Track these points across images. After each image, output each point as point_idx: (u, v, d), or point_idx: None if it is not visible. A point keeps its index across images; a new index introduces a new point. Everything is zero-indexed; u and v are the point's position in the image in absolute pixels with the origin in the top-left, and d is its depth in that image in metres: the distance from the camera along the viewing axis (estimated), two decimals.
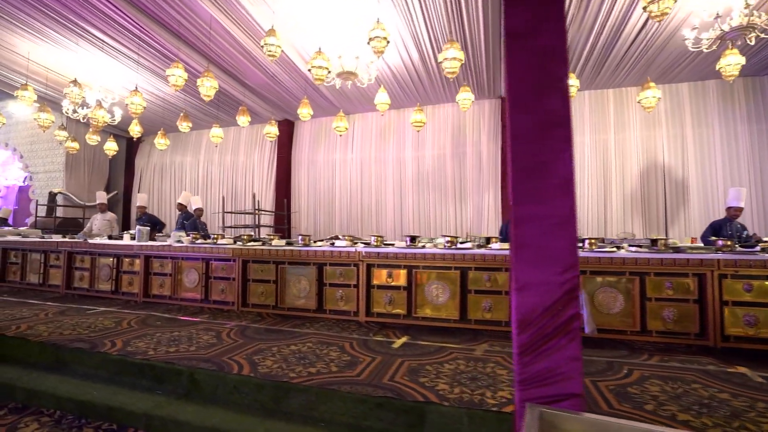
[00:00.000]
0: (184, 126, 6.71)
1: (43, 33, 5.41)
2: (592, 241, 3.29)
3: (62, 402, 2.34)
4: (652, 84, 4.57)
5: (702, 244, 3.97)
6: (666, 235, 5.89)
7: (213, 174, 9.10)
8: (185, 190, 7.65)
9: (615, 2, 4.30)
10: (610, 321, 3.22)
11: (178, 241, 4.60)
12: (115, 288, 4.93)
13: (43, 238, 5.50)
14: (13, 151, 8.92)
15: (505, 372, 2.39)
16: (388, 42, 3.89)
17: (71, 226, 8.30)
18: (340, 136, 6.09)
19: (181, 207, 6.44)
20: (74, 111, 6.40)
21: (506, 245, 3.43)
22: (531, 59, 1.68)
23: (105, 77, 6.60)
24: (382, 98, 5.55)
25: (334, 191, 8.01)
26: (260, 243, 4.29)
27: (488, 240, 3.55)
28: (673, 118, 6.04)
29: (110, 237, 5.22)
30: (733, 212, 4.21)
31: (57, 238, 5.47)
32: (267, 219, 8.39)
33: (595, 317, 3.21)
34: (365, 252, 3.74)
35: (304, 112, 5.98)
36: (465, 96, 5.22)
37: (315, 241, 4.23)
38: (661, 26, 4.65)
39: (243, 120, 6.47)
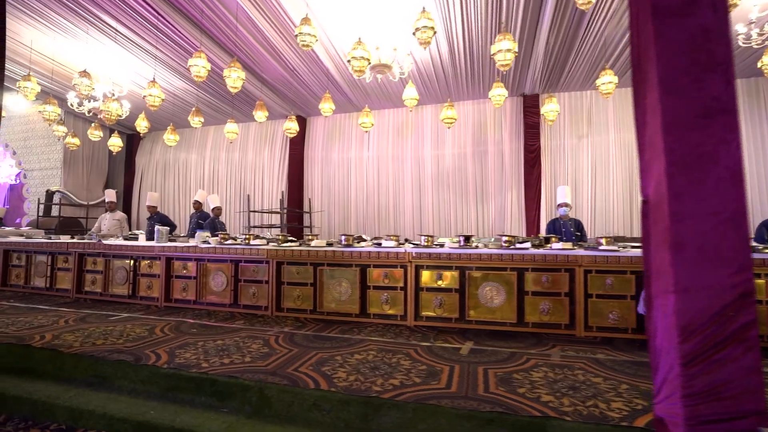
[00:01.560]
0: (196, 121, 6.40)
1: (51, 20, 5.04)
2: None
3: (115, 423, 2.08)
4: None
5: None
6: None
7: (220, 172, 8.76)
8: (201, 189, 7.33)
9: None
10: None
11: (205, 242, 4.32)
12: (132, 292, 4.61)
13: (50, 238, 5.13)
14: (5, 147, 8.40)
15: (600, 380, 2.23)
16: (435, 32, 3.71)
17: (72, 226, 7.85)
18: (366, 132, 5.88)
19: (198, 206, 6.13)
20: (80, 104, 6.02)
21: (568, 245, 3.29)
22: (686, 39, 1.51)
23: (113, 69, 6.23)
24: (410, 93, 5.36)
25: (349, 190, 7.78)
26: (297, 243, 4.05)
27: (547, 240, 3.40)
28: None
29: (126, 238, 4.89)
30: None
31: (65, 238, 5.10)
32: (277, 219, 8.10)
33: None
34: (415, 253, 3.55)
35: (326, 107, 5.75)
36: (499, 92, 5.07)
37: (359, 242, 4.01)
38: None
39: (260, 115, 6.20)
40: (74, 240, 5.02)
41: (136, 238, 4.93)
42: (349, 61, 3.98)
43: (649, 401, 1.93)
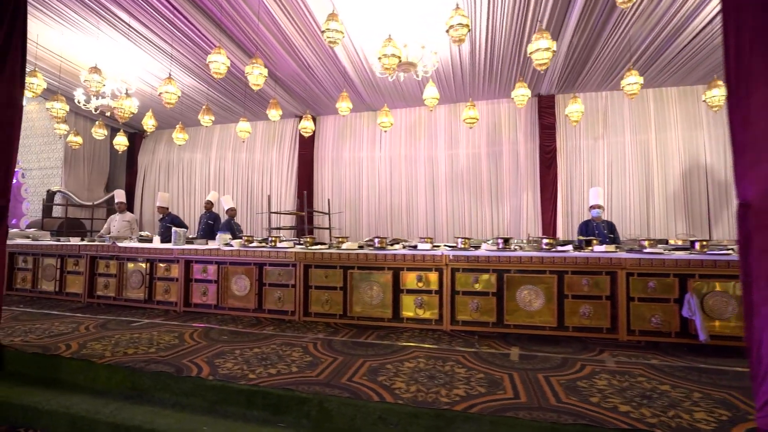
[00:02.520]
0: (206, 119, 6.22)
1: (59, 12, 4.83)
2: (704, 243, 3.13)
3: None
4: (719, 82, 4.50)
5: None
6: (709, 236, 5.90)
7: (226, 172, 8.56)
8: (213, 190, 7.13)
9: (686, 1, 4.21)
10: (722, 327, 3.07)
11: (227, 244, 4.17)
12: (148, 296, 4.44)
13: (58, 240, 4.92)
14: None
15: (667, 387, 2.17)
16: (469, 30, 3.63)
17: (75, 227, 7.58)
18: (385, 131, 5.77)
19: (209, 206, 5.96)
20: (86, 101, 5.80)
21: (612, 247, 3.23)
22: None
23: (122, 66, 6.02)
24: (431, 93, 5.27)
25: (361, 190, 7.66)
26: (326, 246, 3.93)
27: (588, 242, 3.34)
28: (715, 118, 6.06)
29: (140, 240, 4.71)
30: None
31: (75, 240, 4.90)
32: (287, 219, 7.95)
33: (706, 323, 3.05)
34: (453, 255, 3.45)
35: (343, 106, 5.63)
36: (522, 92, 5.01)
37: (392, 244, 3.90)
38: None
39: (274, 114, 6.05)
40: (86, 242, 4.81)
41: (150, 240, 4.76)
42: (379, 58, 3.87)
43: (731, 411, 1.87)
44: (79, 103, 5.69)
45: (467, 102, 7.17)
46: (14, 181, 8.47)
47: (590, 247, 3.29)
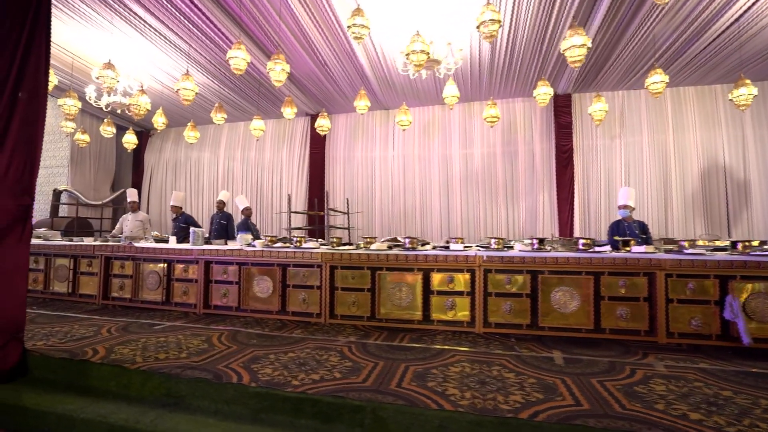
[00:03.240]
0: (218, 117, 6.11)
1: (71, 6, 4.70)
2: (746, 243, 3.07)
3: None
4: (747, 81, 4.45)
5: None
6: (729, 236, 5.86)
7: (235, 171, 8.44)
8: (224, 190, 7.01)
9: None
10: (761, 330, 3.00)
11: (249, 245, 4.06)
12: (165, 298, 4.33)
13: (71, 240, 4.79)
14: None
15: (729, 393, 2.10)
16: (500, 25, 3.55)
17: (83, 226, 7.43)
18: (404, 130, 5.68)
19: (221, 206, 5.85)
20: (97, 98, 5.68)
21: (651, 248, 3.16)
22: None
23: (135, 62, 5.90)
24: (451, 91, 5.19)
25: (373, 190, 7.56)
26: (353, 246, 3.84)
27: (626, 243, 3.27)
28: (733, 118, 6.02)
29: (156, 240, 4.60)
30: None
31: (89, 240, 4.77)
32: (299, 219, 7.85)
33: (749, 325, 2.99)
34: (486, 256, 3.37)
35: (361, 104, 5.55)
36: (544, 90, 4.95)
37: (422, 245, 3.82)
38: (748, 25, 4.56)
39: (288, 112, 5.95)
40: (100, 242, 4.69)
41: (167, 241, 4.64)
42: (407, 54, 3.78)
43: None
44: (90, 99, 5.56)
45: (481, 101, 7.15)
46: None
47: (627, 248, 3.21)
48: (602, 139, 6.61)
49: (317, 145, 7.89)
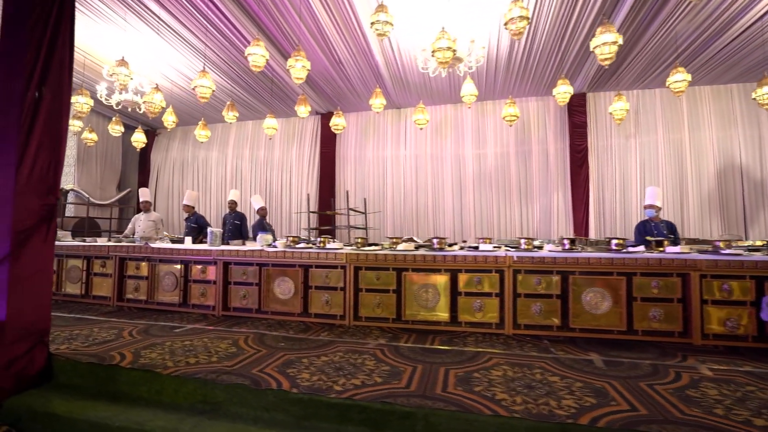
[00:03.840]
0: (230, 116, 6.03)
1: (84, 2, 4.61)
2: None
3: None
4: None
5: None
6: (746, 237, 5.83)
7: (243, 170, 8.35)
8: (234, 189, 6.91)
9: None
10: None
11: (270, 245, 3.98)
12: (182, 300, 4.24)
13: (84, 240, 4.69)
14: None
15: None
16: (528, 21, 3.49)
17: (91, 227, 7.32)
18: (421, 129, 5.61)
19: (233, 206, 5.76)
20: (108, 96, 5.57)
21: (686, 248, 3.11)
22: None
23: (146, 60, 5.80)
24: (469, 89, 5.13)
25: (385, 190, 7.49)
26: (378, 247, 3.77)
27: (659, 243, 3.22)
28: (750, 118, 6.00)
29: (173, 240, 4.51)
30: None
31: (102, 241, 4.68)
32: (310, 219, 7.76)
33: None
34: (517, 257, 3.31)
35: (377, 102, 5.48)
36: (564, 89, 4.89)
37: (451, 245, 3.75)
38: None
39: (303, 110, 5.87)
40: (113, 243, 4.59)
41: (182, 242, 4.56)
42: (433, 51, 3.72)
43: None
44: (101, 97, 5.46)
45: (494, 100, 7.09)
46: None
47: (661, 248, 3.16)
48: (617, 139, 6.57)
49: (328, 144, 7.81)
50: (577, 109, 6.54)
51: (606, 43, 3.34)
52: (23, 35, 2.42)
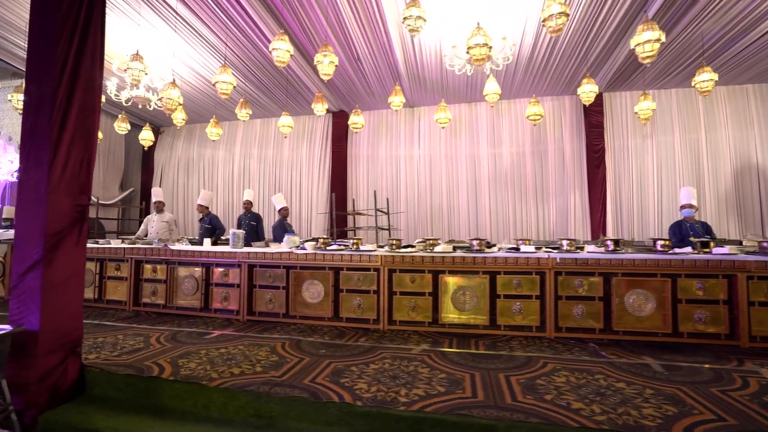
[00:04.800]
0: (243, 114, 5.87)
1: None
2: None
3: None
4: None
5: None
6: (764, 237, 5.85)
7: (252, 169, 8.16)
8: (248, 188, 6.74)
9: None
10: None
11: (298, 247, 3.84)
12: (203, 304, 4.07)
13: (97, 243, 4.49)
14: (8, 141, 7.47)
15: None
16: (567, 17, 3.41)
17: (96, 228, 7.06)
18: (451, 128, 5.51)
19: (248, 206, 5.59)
20: (117, 93, 5.37)
21: (734, 248, 3.05)
22: None
23: (157, 55, 5.60)
24: (492, 88, 5.05)
25: (398, 190, 7.38)
26: (414, 249, 3.65)
27: (704, 244, 3.16)
28: (766, 118, 6.04)
29: (192, 242, 4.34)
30: None
31: (116, 243, 4.48)
32: (320, 220, 7.61)
33: None
34: (560, 259, 3.23)
35: (396, 100, 5.38)
36: (589, 88, 4.85)
37: (488, 247, 3.65)
38: None
39: (320, 108, 5.74)
40: (128, 245, 4.40)
41: (201, 243, 4.39)
42: (468, 48, 3.62)
43: None
44: (110, 93, 5.25)
45: (510, 99, 7.02)
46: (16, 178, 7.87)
47: (707, 249, 3.11)
48: (633, 139, 6.56)
49: (339, 143, 7.67)
50: (594, 108, 6.51)
51: (649, 41, 3.27)
52: (54, 27, 2.26)
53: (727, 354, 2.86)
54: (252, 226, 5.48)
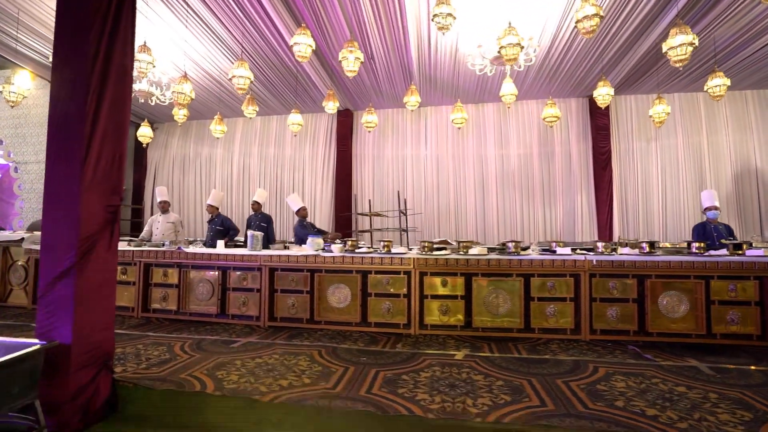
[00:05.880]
0: (249, 110, 5.66)
1: None
2: None
3: None
4: None
5: None
6: (763, 239, 6.06)
7: (252, 168, 7.90)
8: (260, 188, 6.48)
9: None
10: None
11: (323, 249, 3.70)
12: (220, 310, 3.87)
13: None
14: None
15: None
16: (601, 18, 3.41)
17: None
18: (458, 128, 5.46)
19: (257, 207, 5.38)
20: None
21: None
22: None
23: (160, 48, 5.32)
24: (508, 89, 5.04)
25: (404, 190, 7.28)
26: (447, 251, 3.57)
27: (737, 246, 3.21)
28: (764, 123, 6.26)
29: (204, 244, 4.12)
30: None
31: (122, 245, 4.21)
32: (324, 219, 7.44)
33: None
34: (596, 261, 3.21)
35: (412, 100, 5.29)
36: (605, 91, 4.89)
37: (525, 249, 3.60)
38: None
39: (331, 106, 5.60)
40: (134, 247, 4.15)
41: (215, 246, 4.18)
42: (500, 48, 3.56)
43: None
44: None
45: (517, 101, 7.03)
46: (8, 175, 7.37)
47: (740, 251, 3.15)
48: (639, 142, 6.69)
49: (344, 142, 7.52)
50: (600, 111, 6.61)
51: (683, 44, 3.30)
52: (87, 10, 2.06)
53: (762, 355, 2.90)
54: (262, 227, 5.26)
